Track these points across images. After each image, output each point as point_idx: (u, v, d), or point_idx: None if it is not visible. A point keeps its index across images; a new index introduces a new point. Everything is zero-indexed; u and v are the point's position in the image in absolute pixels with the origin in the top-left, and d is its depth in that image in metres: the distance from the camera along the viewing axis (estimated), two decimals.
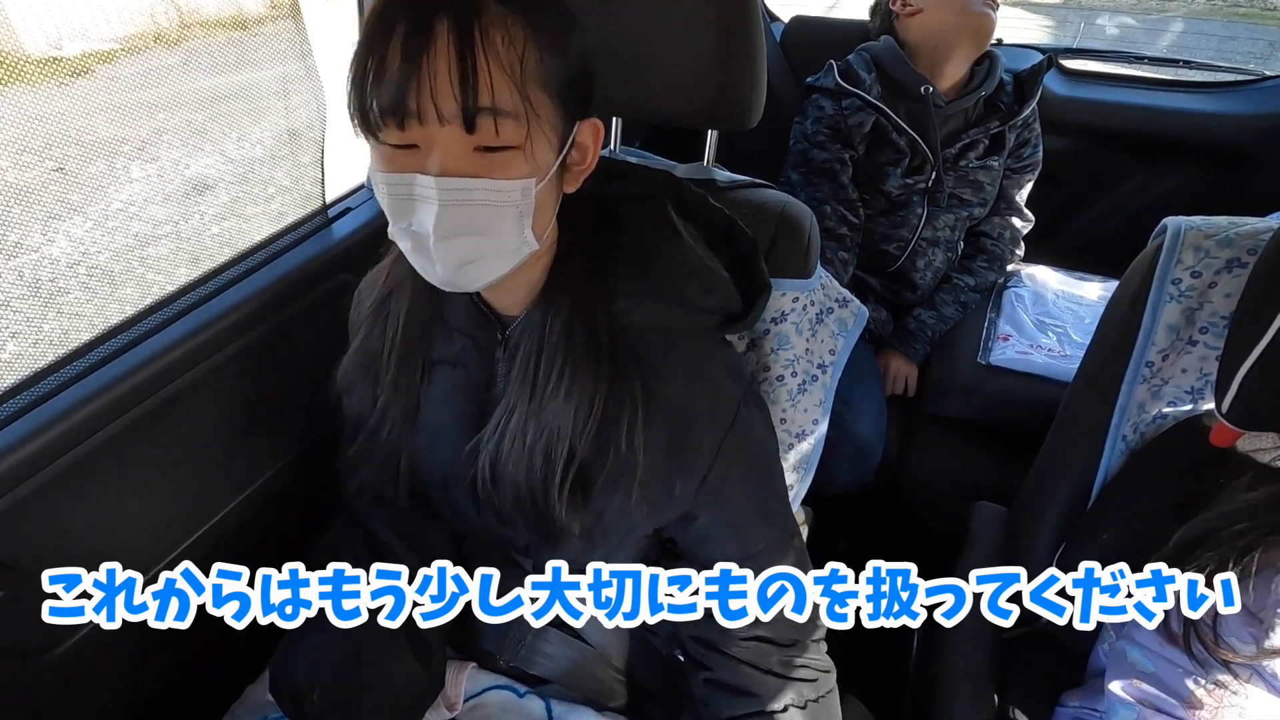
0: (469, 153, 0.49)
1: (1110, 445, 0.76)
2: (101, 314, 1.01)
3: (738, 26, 0.71)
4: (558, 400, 0.57)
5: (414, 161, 0.50)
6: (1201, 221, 0.72)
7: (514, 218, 0.52)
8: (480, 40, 0.47)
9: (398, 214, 0.52)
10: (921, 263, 1.34)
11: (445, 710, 0.72)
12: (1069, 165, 1.55)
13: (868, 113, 1.26)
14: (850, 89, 1.26)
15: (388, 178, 0.51)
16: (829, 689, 0.69)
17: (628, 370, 0.59)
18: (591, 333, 0.58)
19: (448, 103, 0.47)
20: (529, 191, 0.51)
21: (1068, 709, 0.77)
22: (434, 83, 0.47)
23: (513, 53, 0.48)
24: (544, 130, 0.51)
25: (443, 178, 0.49)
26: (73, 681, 0.70)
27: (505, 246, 0.53)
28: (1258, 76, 1.55)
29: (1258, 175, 1.46)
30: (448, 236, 0.51)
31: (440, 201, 0.49)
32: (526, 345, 0.59)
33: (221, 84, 1.09)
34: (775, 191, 0.81)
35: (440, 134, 0.48)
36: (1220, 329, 0.70)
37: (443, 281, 0.55)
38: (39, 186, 0.72)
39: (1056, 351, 1.24)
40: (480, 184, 0.50)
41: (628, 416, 0.58)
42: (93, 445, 0.66)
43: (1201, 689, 0.59)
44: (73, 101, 0.76)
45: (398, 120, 0.48)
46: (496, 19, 0.48)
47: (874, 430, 1.07)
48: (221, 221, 2.39)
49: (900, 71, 1.26)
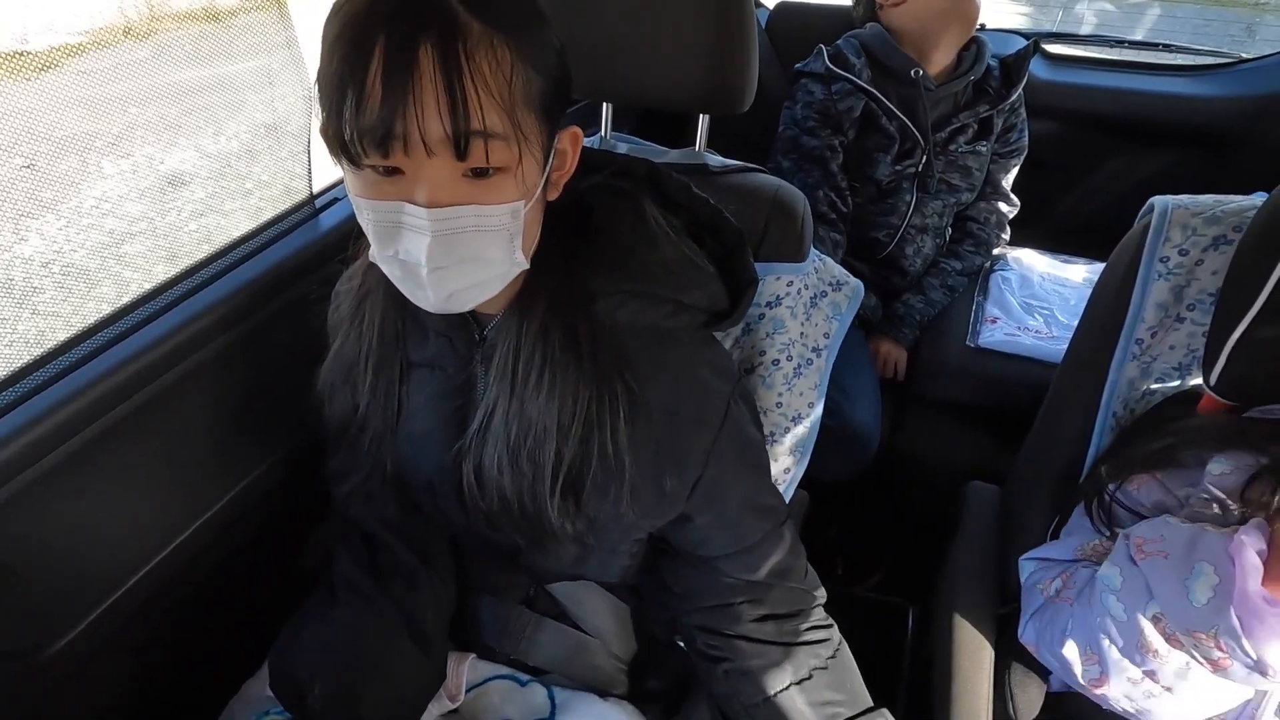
0: (458, 178, 0.48)
1: (1101, 422, 0.77)
2: (78, 313, 0.99)
3: (731, 10, 0.71)
4: (539, 400, 0.57)
5: (400, 189, 0.48)
6: (1188, 200, 0.73)
7: (505, 241, 0.51)
8: (467, 65, 0.45)
9: (384, 241, 0.50)
10: (910, 249, 1.35)
11: (448, 701, 0.72)
12: (1052, 149, 1.56)
13: (857, 97, 1.26)
14: (840, 72, 1.26)
15: (373, 205, 0.49)
16: (839, 642, 0.71)
17: (611, 372, 0.58)
18: (570, 332, 0.57)
19: (436, 131, 0.45)
20: (518, 213, 0.50)
21: (1057, 674, 0.79)
22: (421, 112, 0.44)
23: (501, 77, 0.46)
24: (532, 152, 0.50)
25: (434, 209, 0.47)
26: (66, 682, 0.69)
27: (496, 270, 0.53)
28: (1235, 59, 1.57)
29: (1237, 155, 1.49)
30: (440, 267, 0.50)
31: (433, 233, 0.48)
32: (503, 345, 0.58)
33: (204, 76, 1.07)
34: (767, 175, 0.81)
35: (429, 163, 0.47)
36: (1207, 305, 0.71)
37: (433, 307, 0.54)
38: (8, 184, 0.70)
39: (1043, 333, 1.26)
40: (470, 210, 0.48)
41: (613, 419, 0.57)
42: (79, 443, 0.65)
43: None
44: (42, 97, 0.74)
45: (382, 150, 0.46)
46: (482, 41, 0.46)
47: (871, 417, 1.08)
48: (200, 217, 2.35)
49: (890, 57, 1.26)
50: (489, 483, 0.60)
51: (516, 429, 0.58)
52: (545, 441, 0.57)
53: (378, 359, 0.63)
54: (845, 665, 0.70)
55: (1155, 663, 0.58)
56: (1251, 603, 0.52)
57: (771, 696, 0.67)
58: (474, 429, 0.60)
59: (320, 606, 0.70)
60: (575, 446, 0.58)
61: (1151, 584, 0.58)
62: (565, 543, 0.63)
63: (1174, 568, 0.57)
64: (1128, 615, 0.59)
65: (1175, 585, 0.57)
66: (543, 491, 0.59)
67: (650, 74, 0.74)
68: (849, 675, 0.70)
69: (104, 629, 0.69)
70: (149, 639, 0.77)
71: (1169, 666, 0.58)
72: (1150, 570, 0.59)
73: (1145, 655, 0.58)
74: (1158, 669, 0.59)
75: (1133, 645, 0.59)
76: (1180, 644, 0.57)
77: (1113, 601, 0.61)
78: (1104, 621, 0.61)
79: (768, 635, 0.67)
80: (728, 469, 0.63)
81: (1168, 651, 0.58)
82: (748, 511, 0.66)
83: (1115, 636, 0.60)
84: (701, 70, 0.73)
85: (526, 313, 0.57)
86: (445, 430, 0.63)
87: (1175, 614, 0.56)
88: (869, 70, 1.27)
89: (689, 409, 0.61)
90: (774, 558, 0.67)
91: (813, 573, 0.72)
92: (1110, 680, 0.62)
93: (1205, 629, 0.54)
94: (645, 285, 0.59)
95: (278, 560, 0.84)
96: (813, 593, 0.70)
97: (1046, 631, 0.68)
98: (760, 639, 0.67)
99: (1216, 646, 0.54)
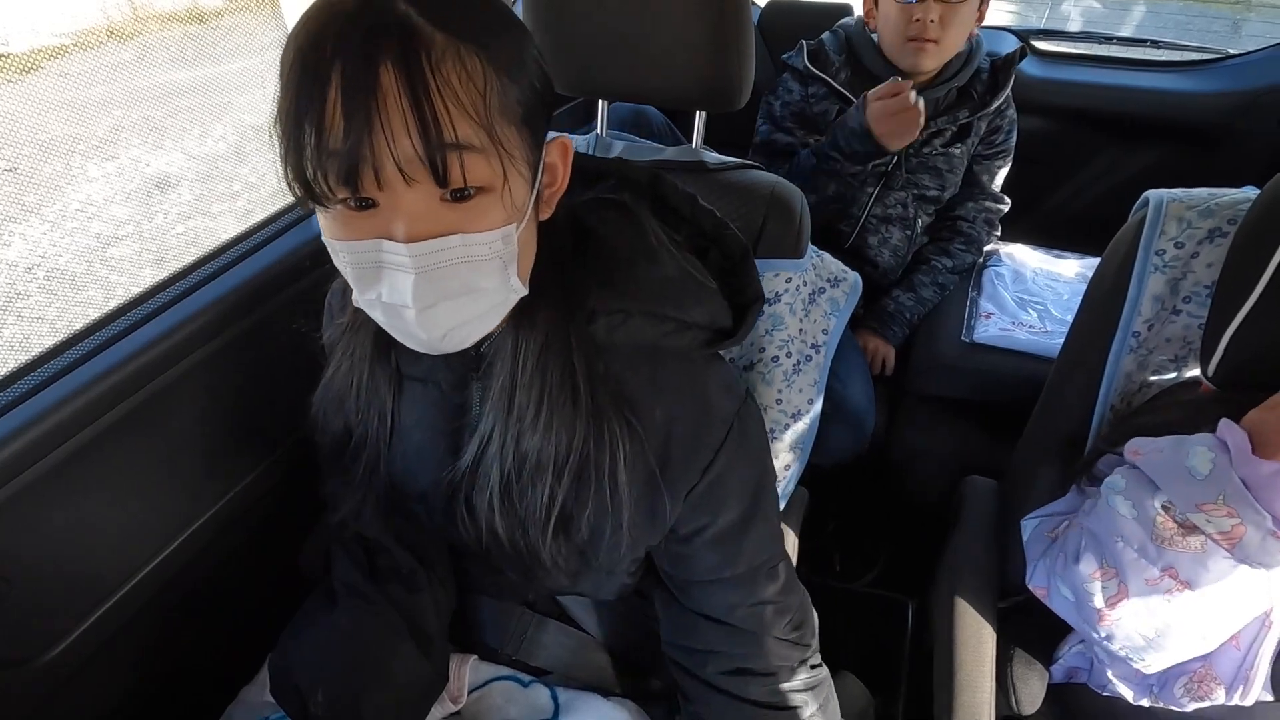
0: (437, 206, 0.44)
1: (1099, 414, 0.77)
2: (64, 317, 0.97)
3: (727, 8, 0.71)
4: (535, 439, 0.54)
5: (376, 225, 0.44)
6: (1182, 194, 0.74)
7: (498, 270, 0.47)
8: (434, 79, 0.41)
9: (364, 284, 0.46)
10: (875, 240, 1.34)
11: (450, 703, 0.71)
12: (1043, 145, 1.57)
13: (834, 100, 1.26)
14: (817, 74, 1.26)
15: (349, 246, 0.45)
16: (825, 700, 0.66)
17: (610, 409, 0.55)
18: (568, 370, 0.54)
19: (408, 153, 0.41)
20: (510, 238, 0.47)
21: (1060, 663, 0.79)
22: (392, 141, 0.41)
23: (473, 89, 0.43)
24: (518, 168, 0.46)
25: (415, 243, 0.44)
26: (60, 690, 0.68)
27: (492, 301, 0.49)
28: (1222, 55, 1.59)
29: (1224, 149, 1.50)
30: (429, 305, 0.46)
31: (416, 270, 0.44)
32: (500, 376, 0.55)
33: (192, 77, 1.06)
34: (764, 173, 0.81)
35: (406, 194, 0.43)
36: (1203, 298, 0.72)
37: (427, 348, 0.50)
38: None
39: (1038, 328, 1.27)
40: (457, 241, 0.44)
41: (611, 459, 0.55)
42: (72, 448, 0.64)
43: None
44: (25, 100, 0.73)
45: (350, 185, 0.42)
46: (448, 53, 0.42)
47: (865, 396, 1.08)
48: (187, 220, 2.33)
49: (873, 62, 1.26)
50: (480, 516, 0.58)
51: (511, 462, 0.56)
52: (539, 478, 0.55)
53: (369, 389, 0.61)
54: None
55: (1172, 552, 0.59)
56: (1251, 463, 0.55)
57: None
58: (467, 460, 0.58)
59: (319, 610, 0.70)
60: (570, 484, 0.56)
61: (1153, 476, 0.61)
62: (557, 574, 0.61)
63: (1171, 455, 0.61)
64: (1137, 510, 0.61)
65: (1176, 468, 0.59)
66: (535, 530, 0.57)
67: (647, 71, 0.74)
68: None
69: (98, 636, 0.69)
70: (144, 645, 0.76)
71: (1186, 554, 0.58)
72: (1149, 465, 0.62)
73: (1161, 546, 0.59)
74: (1175, 560, 0.59)
75: (1147, 538, 0.60)
76: (1193, 527, 0.58)
77: (1120, 501, 0.62)
78: (1116, 524, 0.62)
79: (736, 690, 0.63)
80: (723, 486, 0.61)
81: (1183, 537, 0.58)
82: (737, 536, 0.62)
83: (1129, 535, 0.61)
84: (698, 67, 0.73)
85: (524, 333, 0.54)
86: (438, 447, 0.62)
87: (1181, 494, 0.58)
88: (848, 69, 1.27)
89: (688, 428, 0.59)
90: (758, 598, 0.63)
91: (809, 627, 0.67)
92: (1129, 588, 0.61)
93: (1213, 498, 0.56)
94: (645, 303, 0.56)
95: (273, 564, 0.83)
96: (802, 647, 0.66)
97: (1058, 562, 0.68)
98: (727, 691, 0.64)
99: (1228, 514, 0.56)
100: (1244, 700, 0.66)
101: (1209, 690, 0.67)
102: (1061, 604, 0.69)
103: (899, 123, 1.12)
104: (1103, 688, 0.74)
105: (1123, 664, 0.70)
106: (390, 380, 0.62)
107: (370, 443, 0.63)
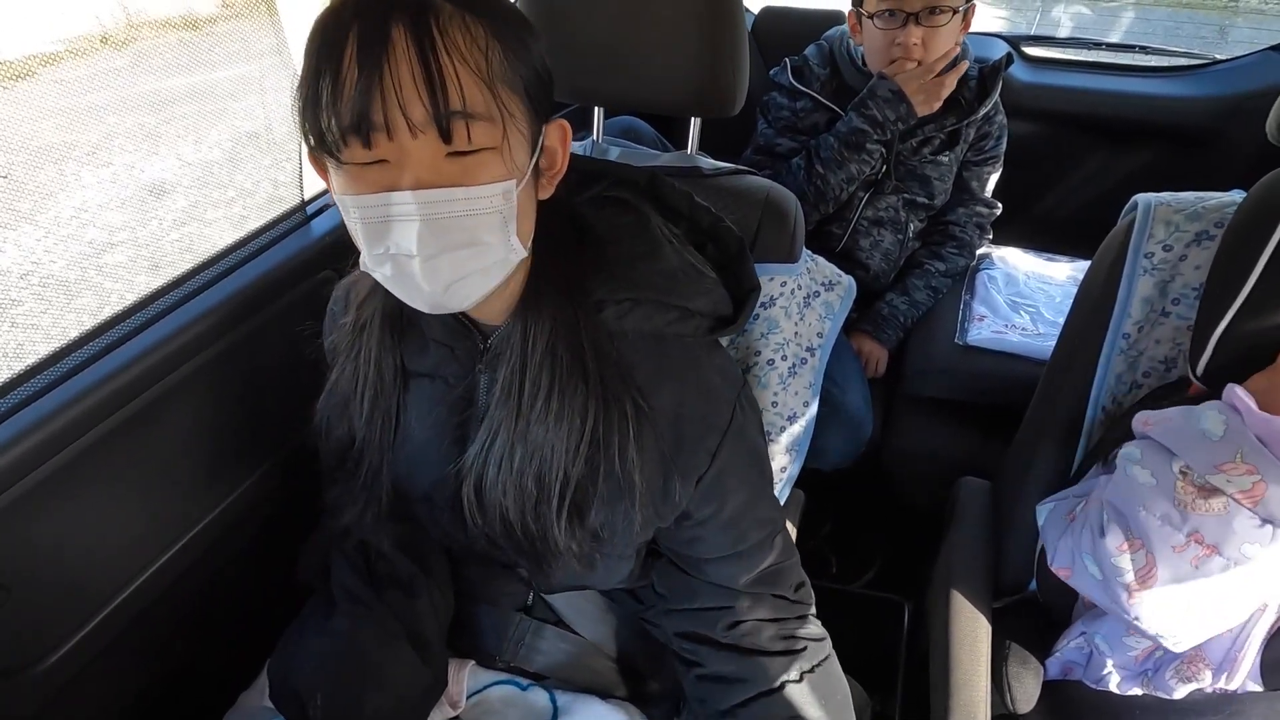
0: (442, 160, 0.47)
1: (1091, 415, 0.78)
2: (58, 324, 0.97)
3: (722, 15, 0.72)
4: (546, 423, 0.56)
5: (386, 178, 0.47)
6: (1170, 197, 0.75)
7: (499, 225, 0.50)
8: (442, 41, 0.45)
9: (374, 239, 0.49)
10: (866, 243, 1.35)
11: (449, 708, 0.71)
12: (1033, 150, 1.58)
13: (822, 113, 1.28)
14: (802, 90, 1.28)
15: (360, 200, 0.48)
16: (824, 656, 0.69)
17: (618, 390, 0.57)
18: (577, 353, 0.56)
19: (417, 111, 0.45)
20: (510, 194, 0.49)
21: (1056, 658, 0.79)
22: (400, 91, 0.44)
23: (477, 50, 0.46)
24: (518, 128, 0.49)
25: (420, 190, 0.47)
26: (57, 698, 0.67)
27: (493, 257, 0.51)
28: (1209, 60, 1.61)
29: (1212, 153, 1.52)
30: (433, 255, 0.48)
31: (421, 217, 0.47)
32: (509, 363, 0.57)
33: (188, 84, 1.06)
34: (758, 177, 0.82)
35: (412, 145, 0.46)
36: (1191, 300, 0.73)
37: (430, 305, 0.52)
38: None
39: (1030, 330, 1.28)
40: (460, 193, 0.47)
41: (620, 438, 0.57)
42: (69, 456, 0.64)
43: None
44: (18, 107, 0.74)
45: (362, 137, 0.46)
46: (455, 19, 0.46)
47: (863, 400, 1.09)
48: (182, 226, 2.32)
49: (853, 78, 1.27)
50: (491, 505, 0.59)
51: (522, 450, 0.57)
52: (551, 464, 0.57)
53: (374, 392, 0.62)
54: (826, 682, 0.68)
55: (1196, 517, 0.59)
56: (1265, 419, 0.56)
57: (738, 705, 0.66)
58: (476, 450, 0.59)
59: (318, 616, 0.70)
60: (581, 466, 0.57)
61: (1167, 443, 0.62)
62: (570, 561, 0.62)
63: (1183, 422, 0.62)
64: (1157, 478, 0.61)
65: (1190, 432, 0.60)
66: (547, 513, 0.58)
67: (642, 78, 0.75)
68: (829, 691, 0.68)
69: (97, 643, 0.68)
70: (143, 652, 0.76)
71: (1210, 516, 0.58)
72: (1162, 433, 0.63)
73: (1185, 511, 0.59)
74: (1200, 524, 0.58)
75: (1170, 504, 0.60)
76: (1214, 489, 0.58)
77: (1138, 470, 0.63)
78: (1137, 493, 0.62)
79: (742, 642, 0.66)
80: (731, 471, 0.63)
81: (1205, 500, 0.58)
82: (744, 517, 0.65)
83: (1151, 503, 0.61)
84: (693, 74, 0.74)
85: (532, 323, 0.56)
86: (444, 442, 0.63)
87: (1199, 457, 0.59)
88: (835, 81, 1.28)
89: (695, 412, 0.61)
90: (761, 567, 0.66)
91: (806, 586, 0.70)
92: (1157, 557, 0.60)
93: (1231, 457, 0.57)
94: (650, 292, 0.58)
95: (271, 570, 0.83)
96: (800, 604, 0.69)
97: (1083, 539, 0.67)
98: (733, 645, 0.66)
99: (1248, 471, 0.56)
100: (1230, 684, 0.66)
101: (1197, 671, 0.67)
102: (1088, 582, 0.68)
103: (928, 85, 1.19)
104: (1098, 681, 0.74)
105: (1122, 651, 0.71)
106: (396, 378, 0.63)
107: (374, 446, 0.64)
